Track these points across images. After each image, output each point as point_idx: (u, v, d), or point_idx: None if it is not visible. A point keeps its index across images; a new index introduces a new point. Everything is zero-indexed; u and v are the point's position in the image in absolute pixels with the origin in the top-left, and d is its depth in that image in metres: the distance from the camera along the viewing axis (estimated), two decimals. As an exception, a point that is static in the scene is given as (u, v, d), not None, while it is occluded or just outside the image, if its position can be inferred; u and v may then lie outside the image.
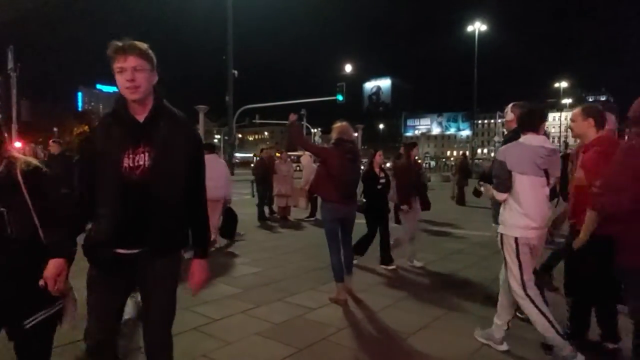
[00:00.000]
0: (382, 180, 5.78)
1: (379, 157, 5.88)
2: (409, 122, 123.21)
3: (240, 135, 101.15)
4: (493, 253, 6.48)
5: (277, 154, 13.04)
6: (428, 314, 3.98)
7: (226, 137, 36.03)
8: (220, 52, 24.31)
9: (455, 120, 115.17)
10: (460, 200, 13.82)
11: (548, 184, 2.99)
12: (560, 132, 77.28)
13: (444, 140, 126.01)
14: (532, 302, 2.90)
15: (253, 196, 14.44)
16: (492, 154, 48.67)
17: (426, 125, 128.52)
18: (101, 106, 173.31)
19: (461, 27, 36.74)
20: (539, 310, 2.88)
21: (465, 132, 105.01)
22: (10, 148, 2.00)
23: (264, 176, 10.23)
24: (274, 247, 7.04)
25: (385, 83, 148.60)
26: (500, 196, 3.03)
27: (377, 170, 5.79)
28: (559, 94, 67.69)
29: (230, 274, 5.38)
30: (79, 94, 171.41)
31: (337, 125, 4.47)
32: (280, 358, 3.10)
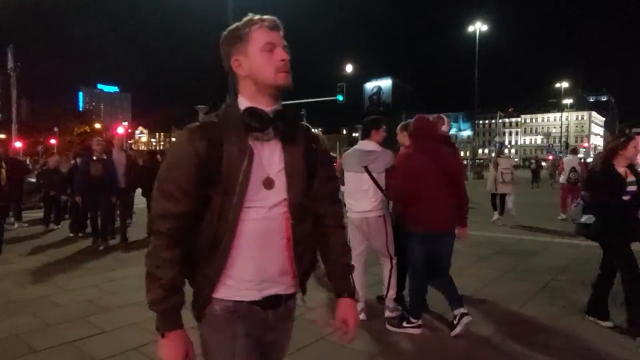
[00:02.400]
0: (632, 188, 3.58)
1: (633, 148, 3.61)
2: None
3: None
4: (492, 253, 6.50)
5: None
6: (426, 313, 3.97)
7: (226, 137, 35.95)
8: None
9: (456, 121, 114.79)
10: None
11: (373, 178, 3.71)
12: (561, 132, 77.20)
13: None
14: None
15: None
16: (493, 155, 48.53)
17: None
18: (102, 106, 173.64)
19: (462, 27, 36.67)
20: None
21: (466, 133, 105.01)
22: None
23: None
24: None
25: (386, 83, 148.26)
26: (341, 188, 3.89)
27: (621, 169, 3.63)
28: (560, 94, 67.54)
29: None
30: (80, 94, 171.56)
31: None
32: (277, 358, 3.09)
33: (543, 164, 33.60)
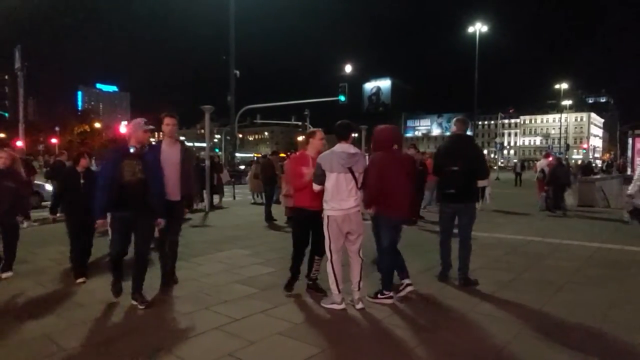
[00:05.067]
0: None
1: None
2: (409, 123, 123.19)
3: (240, 135, 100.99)
4: (504, 254, 6.54)
5: (283, 154, 13.11)
6: (443, 314, 4.02)
7: (228, 137, 35.99)
8: (222, 53, 24.32)
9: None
10: None
11: (355, 178, 4.06)
12: (560, 133, 77.35)
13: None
14: (331, 263, 4.12)
15: (258, 197, 14.52)
16: (492, 155, 48.51)
17: (426, 126, 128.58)
18: (101, 105, 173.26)
19: (462, 28, 36.73)
20: (333, 270, 4.11)
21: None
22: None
23: (271, 177, 10.27)
24: (285, 248, 7.02)
25: (385, 84, 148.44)
26: (315, 187, 4.13)
27: None
28: (559, 96, 67.65)
29: (245, 274, 5.42)
30: (79, 93, 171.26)
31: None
32: (307, 357, 3.13)
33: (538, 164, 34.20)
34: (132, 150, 4.08)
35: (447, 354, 3.23)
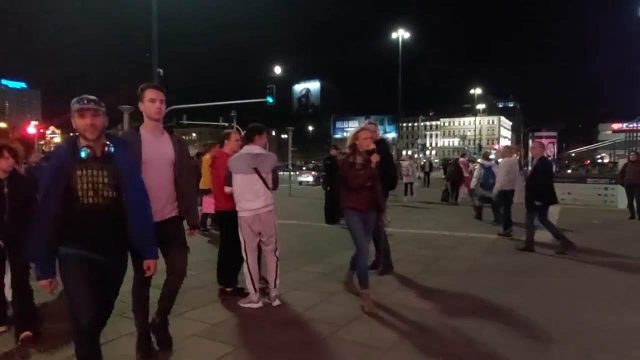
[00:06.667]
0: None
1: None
2: (338, 124, 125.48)
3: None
4: (417, 248, 7.00)
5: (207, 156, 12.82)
6: (358, 306, 4.25)
7: (151, 139, 34.36)
8: (145, 50, 23.25)
9: (382, 123, 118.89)
10: None
11: (262, 178, 4.14)
12: (475, 135, 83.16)
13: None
14: (247, 263, 4.22)
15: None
16: (416, 156, 51.18)
17: (354, 127, 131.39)
18: (7, 103, 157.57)
19: (387, 34, 38.22)
20: (249, 270, 4.21)
21: (391, 135, 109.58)
22: None
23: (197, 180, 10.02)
24: (208, 250, 6.98)
25: (314, 86, 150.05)
26: (226, 189, 4.26)
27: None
28: (473, 100, 72.80)
29: (163, 277, 5.29)
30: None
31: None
32: (220, 356, 3.19)
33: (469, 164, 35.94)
34: (83, 155, 2.33)
35: (360, 344, 3.44)
